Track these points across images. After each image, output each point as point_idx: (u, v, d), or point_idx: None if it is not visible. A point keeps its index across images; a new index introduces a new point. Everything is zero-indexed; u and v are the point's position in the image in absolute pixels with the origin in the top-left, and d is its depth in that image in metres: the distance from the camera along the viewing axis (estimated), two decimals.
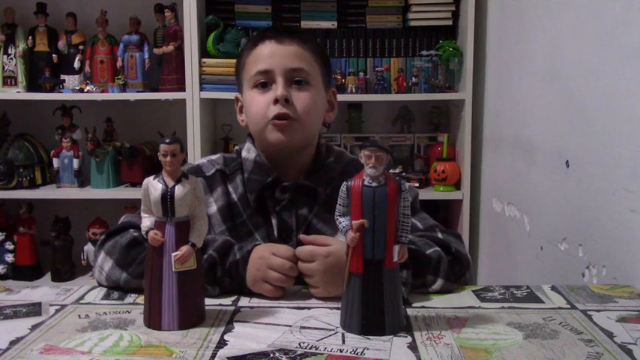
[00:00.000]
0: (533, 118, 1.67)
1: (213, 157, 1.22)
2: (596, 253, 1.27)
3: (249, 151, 1.17)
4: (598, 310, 0.93)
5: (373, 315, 0.82)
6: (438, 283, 1.00)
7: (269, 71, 1.10)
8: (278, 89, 1.09)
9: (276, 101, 1.09)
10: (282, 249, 0.98)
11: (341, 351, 0.77)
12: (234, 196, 1.15)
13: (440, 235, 1.09)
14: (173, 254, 0.83)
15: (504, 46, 1.97)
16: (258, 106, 1.11)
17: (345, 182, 0.83)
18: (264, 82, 1.11)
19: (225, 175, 1.17)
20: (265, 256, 0.97)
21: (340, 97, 1.29)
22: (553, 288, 1.04)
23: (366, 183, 0.81)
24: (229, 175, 1.17)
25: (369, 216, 0.80)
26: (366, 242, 0.81)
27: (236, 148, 1.22)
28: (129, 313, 0.91)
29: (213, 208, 1.15)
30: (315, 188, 1.14)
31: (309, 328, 0.85)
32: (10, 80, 2.33)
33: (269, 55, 1.11)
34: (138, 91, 2.30)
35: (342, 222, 0.84)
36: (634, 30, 1.14)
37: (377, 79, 2.31)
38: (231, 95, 2.20)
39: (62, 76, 2.31)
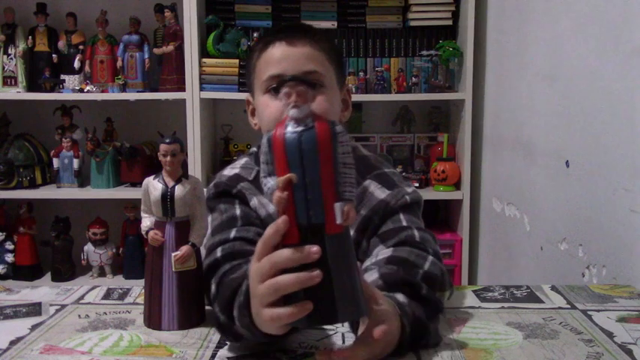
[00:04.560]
0: (533, 118, 1.67)
1: (242, 161, 1.15)
2: (596, 253, 1.27)
3: None
4: (598, 310, 0.93)
5: (319, 298, 0.64)
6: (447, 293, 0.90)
7: (281, 75, 1.03)
8: None
9: None
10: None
11: None
12: None
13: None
14: (173, 254, 0.83)
15: (504, 46, 1.97)
16: (272, 111, 1.04)
17: (265, 134, 0.67)
18: (277, 87, 1.05)
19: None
20: (260, 265, 0.68)
21: None
22: (553, 288, 1.04)
23: (289, 129, 0.64)
24: None
25: (297, 168, 0.63)
26: (298, 203, 0.64)
27: (252, 149, 1.16)
28: (129, 313, 0.91)
29: (270, 206, 1.03)
30: None
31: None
32: (10, 80, 2.32)
33: (280, 58, 1.05)
34: (138, 91, 2.30)
35: (268, 182, 0.66)
36: (634, 30, 1.14)
37: (377, 79, 2.30)
38: (231, 95, 2.25)
39: (62, 76, 2.31)
